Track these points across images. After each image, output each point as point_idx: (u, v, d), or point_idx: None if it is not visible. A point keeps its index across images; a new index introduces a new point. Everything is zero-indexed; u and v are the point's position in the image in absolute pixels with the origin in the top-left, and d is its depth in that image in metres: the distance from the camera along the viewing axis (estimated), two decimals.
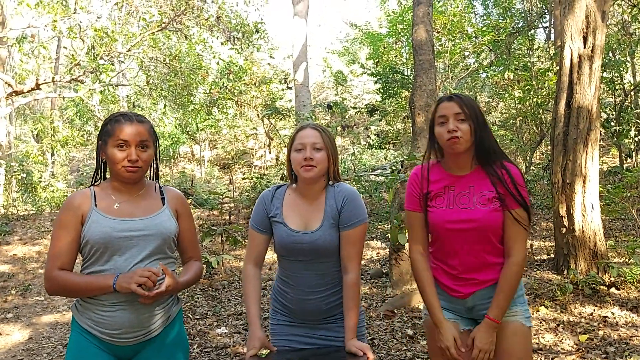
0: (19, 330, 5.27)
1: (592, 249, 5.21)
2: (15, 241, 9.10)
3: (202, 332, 4.82)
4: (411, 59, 13.23)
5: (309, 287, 2.10)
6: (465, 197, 1.99)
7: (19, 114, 18.63)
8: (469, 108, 1.95)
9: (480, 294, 2.00)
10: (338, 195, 2.10)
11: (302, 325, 2.17)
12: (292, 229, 2.09)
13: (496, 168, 1.96)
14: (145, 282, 1.79)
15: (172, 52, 12.88)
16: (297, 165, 2.07)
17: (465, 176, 2.02)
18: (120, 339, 1.88)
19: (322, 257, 2.08)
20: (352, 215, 2.07)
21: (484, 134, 1.97)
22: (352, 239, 2.07)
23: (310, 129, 2.10)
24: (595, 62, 5.25)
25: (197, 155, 19.64)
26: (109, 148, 1.91)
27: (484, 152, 1.98)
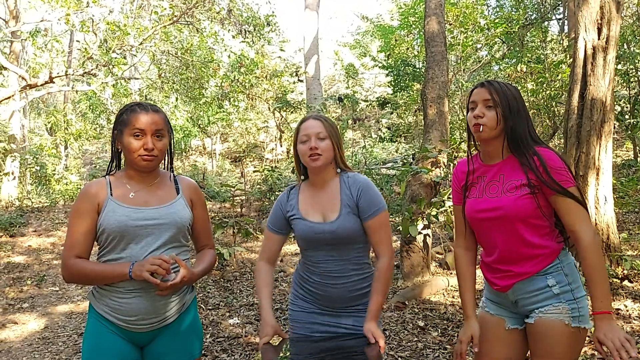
0: (34, 319, 5.35)
1: (605, 242, 5.18)
2: (30, 233, 9.22)
3: (215, 322, 4.86)
4: (423, 51, 13.16)
5: (334, 273, 2.13)
6: (494, 186, 1.94)
7: (33, 108, 18.82)
8: (500, 95, 1.89)
9: (519, 288, 1.92)
10: (352, 185, 2.13)
11: (324, 312, 2.17)
12: (311, 221, 2.13)
13: (528, 156, 1.87)
14: (156, 269, 1.82)
15: (184, 46, 12.94)
16: (304, 156, 2.12)
17: (497, 164, 1.97)
18: (136, 325, 1.91)
19: (345, 244, 2.11)
20: (371, 205, 2.10)
21: (518, 121, 1.89)
22: (376, 227, 2.11)
23: (313, 120, 2.16)
24: (610, 54, 5.20)
25: (209, 148, 19.72)
26: (125, 137, 1.93)
27: (516, 140, 1.90)
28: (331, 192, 2.16)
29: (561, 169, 1.84)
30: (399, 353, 3.91)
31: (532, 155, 1.87)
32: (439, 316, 4.67)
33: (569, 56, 9.89)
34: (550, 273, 1.88)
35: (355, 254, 2.14)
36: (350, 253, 2.13)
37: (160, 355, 1.98)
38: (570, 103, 5.44)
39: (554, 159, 1.85)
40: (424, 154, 5.58)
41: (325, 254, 2.13)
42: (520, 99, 1.93)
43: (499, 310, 2.04)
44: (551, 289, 1.87)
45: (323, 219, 2.12)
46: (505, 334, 2.00)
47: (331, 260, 2.13)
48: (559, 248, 1.91)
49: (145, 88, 16.25)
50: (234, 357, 4.08)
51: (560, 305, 1.85)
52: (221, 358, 4.07)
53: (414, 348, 3.99)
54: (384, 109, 16.56)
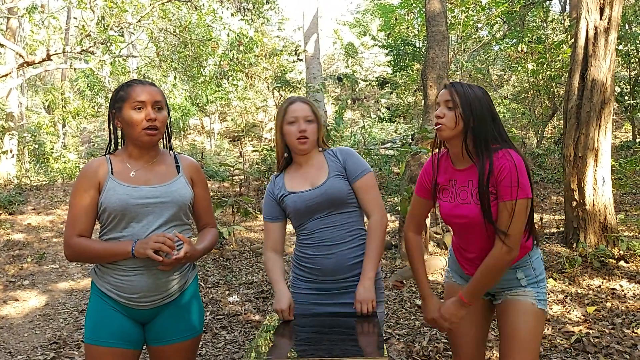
0: (35, 296, 5.40)
1: (602, 223, 5.22)
2: (29, 211, 9.23)
3: (215, 300, 4.91)
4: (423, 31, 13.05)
5: (327, 241, 2.17)
6: (464, 192, 1.98)
7: (30, 85, 18.69)
8: (461, 96, 1.91)
9: None
10: (337, 153, 2.25)
11: (323, 291, 2.20)
12: (300, 191, 2.19)
13: (485, 159, 1.89)
14: (160, 247, 1.83)
15: (182, 23, 12.81)
16: (292, 138, 2.18)
17: (465, 170, 1.99)
18: (138, 302, 1.93)
19: (337, 208, 2.17)
20: (357, 166, 2.20)
21: (479, 123, 1.90)
22: (365, 188, 2.20)
23: (301, 103, 2.23)
24: (611, 35, 5.18)
25: (207, 127, 19.66)
26: (126, 112, 1.92)
27: (475, 142, 1.92)
28: (317, 165, 2.24)
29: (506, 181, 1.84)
30: (397, 331, 3.96)
31: (488, 161, 1.88)
32: (436, 295, 4.72)
33: (570, 37, 9.83)
34: (520, 267, 1.99)
35: (348, 219, 2.19)
36: (344, 219, 2.18)
37: (162, 332, 1.99)
38: (571, 84, 5.43)
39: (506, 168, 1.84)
40: (423, 134, 5.58)
41: (318, 222, 2.18)
42: (485, 101, 1.94)
43: (463, 282, 2.12)
44: (519, 281, 2.00)
45: (312, 186, 2.19)
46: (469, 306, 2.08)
47: (324, 228, 2.17)
48: (528, 246, 2.00)
49: (144, 66, 16.13)
50: (234, 334, 4.13)
51: (528, 289, 1.99)
52: (221, 335, 4.12)
53: (411, 326, 4.05)
54: (384, 89, 16.50)
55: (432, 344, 3.65)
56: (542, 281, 2.01)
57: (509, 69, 13.84)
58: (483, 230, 1.94)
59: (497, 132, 1.94)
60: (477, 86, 2.00)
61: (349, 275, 2.17)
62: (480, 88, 2.00)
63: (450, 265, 2.23)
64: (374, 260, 2.14)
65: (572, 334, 3.63)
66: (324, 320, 2.09)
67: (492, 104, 1.97)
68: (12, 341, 4.26)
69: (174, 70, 14.60)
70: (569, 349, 3.45)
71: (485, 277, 1.90)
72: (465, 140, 1.94)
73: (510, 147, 1.91)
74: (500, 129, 1.95)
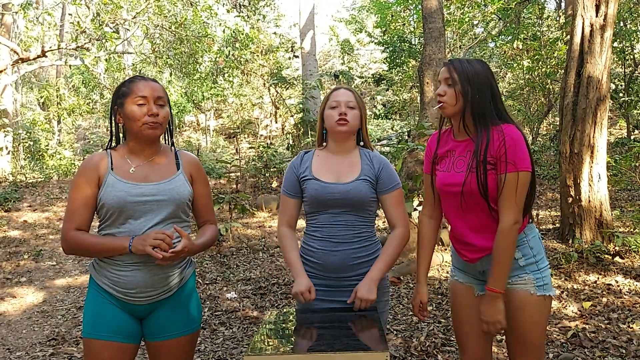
0: (32, 293, 5.39)
1: (598, 219, 5.25)
2: (25, 208, 9.21)
3: (213, 297, 4.92)
4: (419, 27, 13.07)
5: (336, 238, 2.17)
6: (461, 161, 2.01)
7: (25, 82, 18.60)
8: (459, 73, 1.97)
9: (487, 261, 2.00)
10: (374, 159, 2.25)
11: (326, 287, 2.20)
12: (324, 181, 2.19)
13: (483, 133, 1.93)
14: (159, 244, 1.83)
15: (178, 20, 12.76)
16: (331, 120, 2.19)
17: (465, 141, 2.03)
18: (135, 297, 1.94)
19: (353, 209, 2.17)
20: (391, 179, 2.22)
21: (480, 98, 1.95)
22: (395, 201, 2.22)
23: (345, 90, 2.25)
24: (607, 32, 5.20)
25: (203, 124, 19.62)
26: (128, 106, 1.93)
27: (475, 116, 1.96)
28: (350, 160, 2.24)
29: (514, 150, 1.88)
30: (395, 327, 3.98)
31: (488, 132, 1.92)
32: (433, 291, 4.75)
33: (566, 33, 9.87)
34: (517, 246, 1.97)
35: (360, 222, 2.19)
36: (356, 220, 2.18)
37: (159, 328, 2.00)
38: (567, 81, 5.45)
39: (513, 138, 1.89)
40: (420, 131, 5.59)
41: (330, 217, 2.18)
42: (484, 75, 1.98)
43: (467, 278, 2.13)
44: (517, 261, 1.97)
45: (337, 180, 2.18)
46: (475, 300, 2.09)
47: (335, 224, 2.18)
48: (524, 223, 1.99)
49: (139, 63, 16.07)
50: (232, 330, 4.14)
51: (526, 276, 1.96)
52: (220, 331, 4.13)
53: (408, 322, 4.07)
54: (379, 86, 16.52)
55: (430, 339, 3.67)
56: (541, 262, 1.99)
57: (504, 66, 13.87)
58: (477, 200, 1.95)
59: (496, 110, 1.98)
60: (478, 61, 2.04)
61: (352, 275, 2.18)
62: (481, 62, 2.03)
63: (452, 261, 2.25)
64: (386, 265, 2.15)
65: (569, 329, 3.66)
66: (325, 316, 2.10)
67: (492, 79, 2.00)
68: (11, 338, 4.26)
69: (170, 66, 14.56)
70: (566, 343, 3.48)
71: (501, 256, 1.89)
72: (463, 115, 1.98)
73: (511, 124, 1.95)
74: (499, 105, 1.99)
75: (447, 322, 3.97)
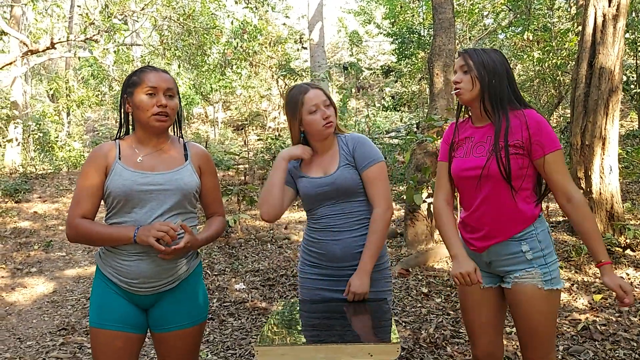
0: (43, 283, 5.43)
1: (609, 211, 5.21)
2: (35, 199, 9.27)
3: (221, 288, 4.93)
4: (428, 18, 12.98)
5: (336, 227, 2.18)
6: (481, 147, 2.01)
7: (34, 74, 18.67)
8: (474, 59, 1.99)
9: (495, 251, 2.00)
10: (349, 141, 2.23)
11: (329, 277, 2.21)
12: (312, 177, 2.21)
13: (502, 117, 1.95)
14: (163, 237, 1.83)
15: (186, 11, 12.74)
16: (318, 125, 2.16)
17: (484, 127, 2.03)
18: (138, 288, 1.93)
19: (346, 197, 2.18)
20: (365, 156, 2.18)
21: (497, 82, 1.97)
22: (372, 178, 2.18)
23: (316, 90, 2.20)
24: (620, 22, 5.13)
25: (211, 116, 19.62)
26: (137, 96, 1.93)
27: (496, 101, 1.98)
28: (332, 151, 2.25)
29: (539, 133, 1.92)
30: (403, 318, 3.97)
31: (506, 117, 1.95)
32: (442, 283, 4.73)
33: (577, 24, 9.75)
34: (525, 239, 1.97)
35: (357, 208, 2.20)
36: (353, 207, 2.19)
37: (163, 319, 2.00)
38: (578, 72, 5.39)
39: (535, 120, 1.93)
40: (429, 123, 5.56)
41: (328, 209, 2.19)
42: (499, 62, 2.00)
43: None
44: (524, 255, 1.97)
45: (324, 174, 2.20)
46: (481, 293, 2.10)
47: (334, 215, 2.19)
48: (535, 214, 1.99)
49: (147, 55, 16.08)
50: (241, 320, 4.15)
51: (533, 270, 1.95)
52: (228, 322, 4.14)
53: (417, 313, 4.06)
54: (388, 77, 16.43)
55: (439, 331, 3.66)
56: (549, 256, 1.98)
57: (514, 58, 13.75)
58: (493, 185, 1.95)
59: (513, 95, 2.00)
60: (492, 49, 2.05)
61: (354, 264, 2.17)
62: (496, 51, 2.04)
63: None
64: (373, 253, 2.13)
65: (579, 322, 3.64)
66: (334, 306, 2.09)
67: (508, 66, 2.01)
68: (21, 327, 4.29)
69: (178, 58, 14.56)
70: (576, 336, 3.46)
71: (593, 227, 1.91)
72: (483, 101, 2.00)
73: (524, 107, 1.98)
74: (516, 91, 2.01)
75: (456, 314, 3.96)
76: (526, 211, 1.96)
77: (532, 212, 1.97)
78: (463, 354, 3.31)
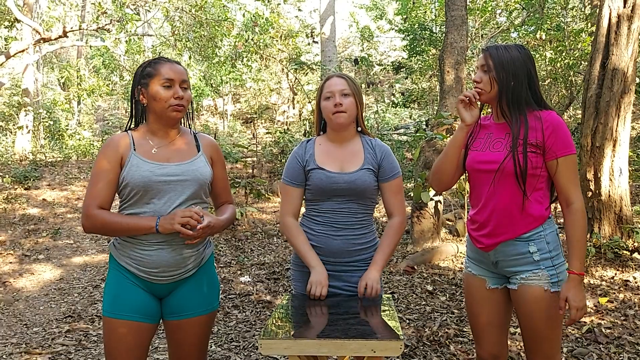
0: (50, 270, 5.48)
1: (618, 214, 5.17)
2: (44, 186, 9.34)
3: (227, 280, 4.95)
4: (440, 15, 12.90)
5: (339, 224, 2.19)
6: (499, 143, 2.01)
7: (46, 62, 18.77)
8: (495, 60, 1.97)
9: (502, 250, 1.99)
10: (377, 147, 2.25)
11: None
12: (329, 171, 2.19)
13: (520, 118, 1.95)
14: (188, 221, 1.86)
15: (198, 3, 12.75)
16: (328, 112, 2.17)
17: (504, 124, 2.03)
18: (158, 277, 1.96)
19: (357, 198, 2.18)
20: (392, 168, 2.24)
21: (515, 84, 1.96)
22: (395, 190, 2.25)
23: (337, 78, 2.22)
24: (635, 23, 5.08)
25: (220, 108, 19.66)
26: (153, 87, 1.94)
27: (514, 103, 1.97)
28: (352, 148, 2.24)
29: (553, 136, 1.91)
30: (407, 316, 3.98)
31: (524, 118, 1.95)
32: (447, 281, 4.73)
33: (590, 24, 9.67)
34: (533, 240, 1.96)
35: (362, 209, 2.21)
36: (359, 207, 2.20)
37: (179, 307, 2.03)
38: (591, 72, 5.34)
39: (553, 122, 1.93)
40: (439, 120, 5.54)
41: (334, 204, 2.19)
42: (521, 61, 1.97)
43: (480, 270, 2.11)
44: (532, 255, 1.95)
45: (341, 170, 2.19)
46: (487, 293, 2.09)
47: (338, 211, 2.19)
48: (545, 215, 1.98)
49: (159, 45, 16.12)
50: (245, 313, 4.17)
51: (540, 272, 1.94)
52: (233, 314, 4.16)
53: (422, 311, 4.06)
54: (398, 74, 16.36)
55: (443, 330, 3.66)
56: (557, 258, 1.96)
57: None
58: (508, 181, 1.94)
59: (533, 96, 1.99)
60: (517, 46, 2.02)
61: (350, 260, 2.20)
62: (520, 47, 2.02)
63: (467, 252, 2.22)
64: (387, 254, 2.19)
65: (584, 324, 3.62)
66: (338, 301, 2.10)
67: (530, 64, 1.99)
68: (28, 313, 4.33)
69: (189, 50, 14.58)
70: (581, 338, 3.45)
71: (581, 236, 1.91)
72: (500, 102, 2.00)
73: (543, 108, 1.98)
74: (537, 91, 2.00)
75: (461, 313, 3.95)
76: (536, 211, 1.95)
77: (542, 212, 1.96)
78: (467, 353, 3.31)
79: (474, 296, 2.13)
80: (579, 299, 1.87)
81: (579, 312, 1.88)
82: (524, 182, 1.92)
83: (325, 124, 2.28)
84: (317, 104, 2.26)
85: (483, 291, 2.10)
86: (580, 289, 1.89)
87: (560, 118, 1.95)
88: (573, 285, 1.89)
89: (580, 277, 1.89)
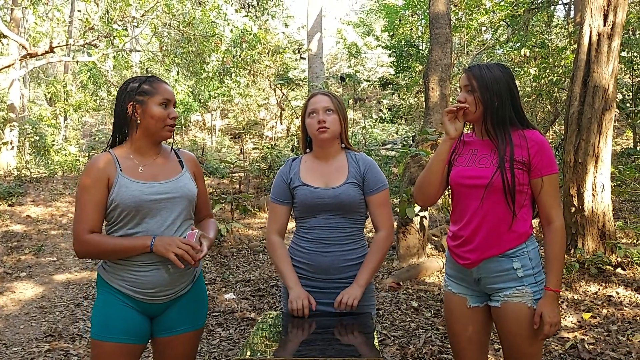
0: (32, 288, 5.40)
1: (601, 229, 5.21)
2: (28, 202, 9.24)
3: (211, 297, 4.91)
4: (427, 32, 13.04)
5: (326, 240, 2.19)
6: (485, 159, 2.02)
7: (33, 77, 18.67)
8: (478, 80, 1.98)
9: (485, 267, 1.99)
10: (360, 161, 2.26)
11: (314, 289, 2.20)
12: (314, 187, 2.20)
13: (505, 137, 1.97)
14: (183, 254, 1.86)
15: (186, 19, 12.78)
16: (312, 129, 2.20)
17: (487, 140, 2.04)
18: (153, 297, 1.95)
19: (344, 212, 2.19)
20: (377, 181, 2.23)
21: (499, 104, 1.97)
22: (380, 202, 2.23)
23: (321, 95, 2.25)
24: (615, 41, 5.17)
25: (209, 124, 19.64)
26: (152, 105, 1.95)
27: (498, 122, 1.98)
28: (337, 164, 2.25)
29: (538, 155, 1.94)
30: (392, 332, 3.96)
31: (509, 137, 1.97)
32: (432, 297, 4.72)
33: (574, 42, 9.82)
34: (517, 256, 1.97)
35: (350, 224, 2.21)
36: (347, 222, 2.20)
37: (170, 324, 2.02)
38: (573, 90, 5.42)
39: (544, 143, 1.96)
40: (424, 137, 5.57)
41: (321, 220, 2.20)
42: (504, 81, 1.99)
43: (460, 289, 2.10)
44: (515, 272, 1.96)
45: (326, 186, 2.20)
46: (467, 312, 2.08)
47: (326, 227, 2.19)
48: (529, 232, 2.00)
49: (146, 61, 16.11)
50: (229, 331, 4.13)
51: (523, 288, 1.95)
52: (216, 332, 4.12)
53: (406, 328, 4.05)
54: (386, 90, 16.48)
55: (427, 347, 3.65)
56: (539, 274, 1.99)
57: None
58: (493, 197, 1.95)
59: (516, 115, 2.01)
60: (497, 65, 2.04)
61: (342, 277, 2.19)
62: (501, 67, 2.03)
63: (446, 270, 2.22)
64: (371, 271, 2.17)
65: (567, 340, 3.63)
66: (318, 320, 2.08)
67: (512, 83, 2.01)
68: (8, 333, 4.26)
69: (177, 65, 14.58)
70: (564, 354, 3.45)
71: (559, 253, 1.94)
72: (485, 121, 2.01)
73: (527, 127, 2.00)
74: (519, 110, 2.02)
75: (445, 330, 3.94)
76: (521, 228, 1.97)
77: (526, 229, 1.98)
78: None
79: (454, 315, 2.12)
80: (554, 314, 1.90)
81: (552, 328, 1.90)
82: (513, 199, 1.94)
83: (311, 140, 2.30)
84: (302, 122, 2.28)
85: (464, 310, 2.09)
86: (556, 305, 1.91)
87: (543, 137, 1.98)
88: (549, 302, 1.91)
89: (556, 294, 1.92)
